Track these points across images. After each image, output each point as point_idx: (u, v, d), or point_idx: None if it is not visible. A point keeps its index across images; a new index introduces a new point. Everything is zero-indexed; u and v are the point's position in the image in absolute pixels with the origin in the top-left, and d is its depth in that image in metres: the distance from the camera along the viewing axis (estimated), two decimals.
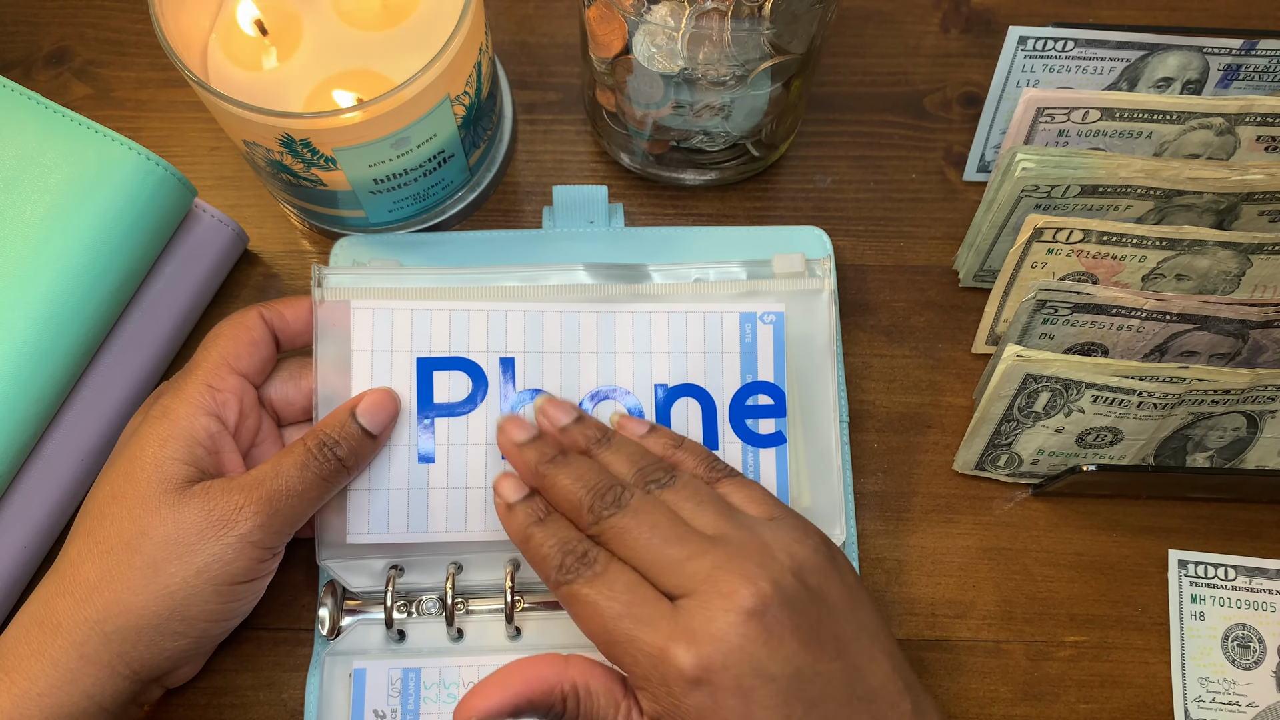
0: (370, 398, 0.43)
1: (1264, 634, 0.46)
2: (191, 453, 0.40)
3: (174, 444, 0.40)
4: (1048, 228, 0.45)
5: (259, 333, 0.43)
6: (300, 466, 0.40)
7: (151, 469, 0.39)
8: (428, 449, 0.44)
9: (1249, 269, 0.46)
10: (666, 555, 0.36)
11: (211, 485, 0.40)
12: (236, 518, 0.39)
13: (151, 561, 0.38)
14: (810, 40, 0.44)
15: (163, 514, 0.39)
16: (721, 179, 0.52)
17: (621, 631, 0.35)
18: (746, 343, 0.46)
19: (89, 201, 0.44)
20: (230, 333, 0.42)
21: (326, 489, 0.41)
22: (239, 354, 0.42)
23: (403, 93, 0.41)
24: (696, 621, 0.34)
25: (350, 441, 0.42)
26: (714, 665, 0.34)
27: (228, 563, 0.39)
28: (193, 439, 0.40)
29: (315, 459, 0.41)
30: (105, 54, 0.55)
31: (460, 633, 0.44)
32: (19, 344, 0.42)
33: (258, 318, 0.43)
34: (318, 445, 0.41)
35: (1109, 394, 0.44)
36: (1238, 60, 0.49)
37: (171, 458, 0.40)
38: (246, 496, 0.39)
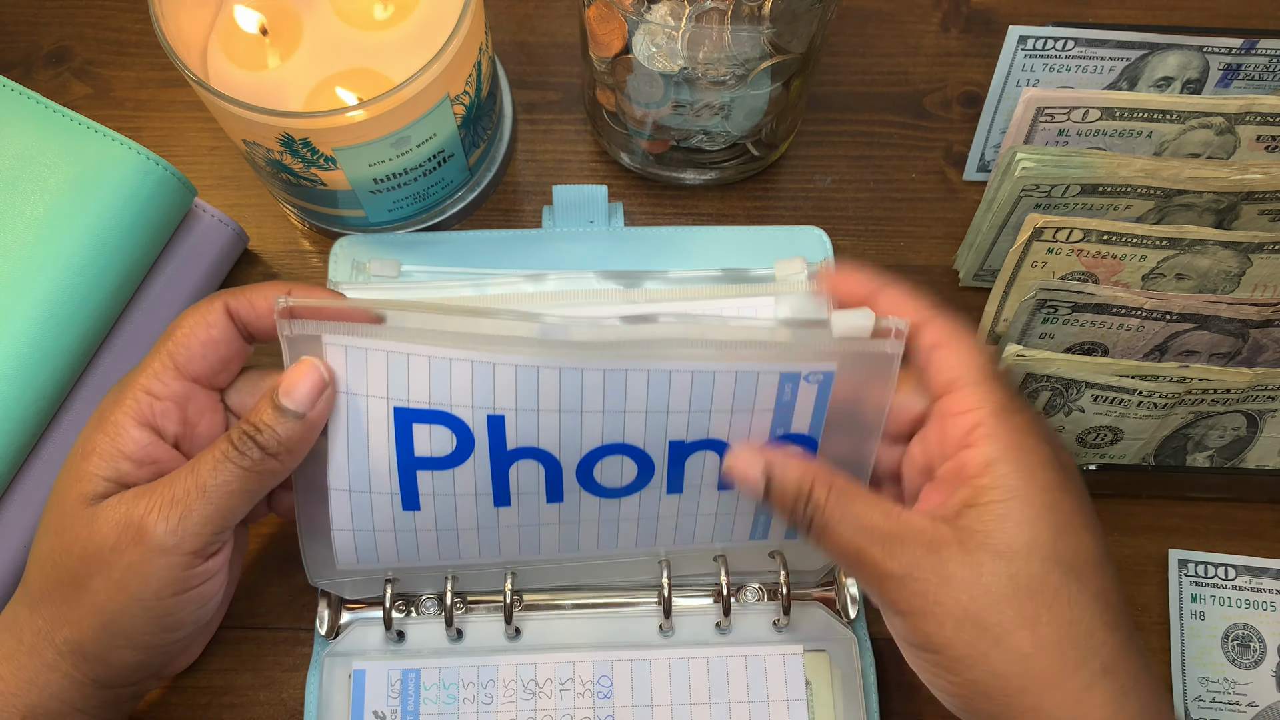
0: (289, 376, 0.37)
1: (1264, 633, 0.46)
2: (115, 468, 0.37)
3: (97, 458, 0.37)
4: (1048, 227, 0.45)
5: (220, 329, 0.38)
6: (216, 461, 0.36)
7: (72, 481, 0.37)
8: (411, 499, 0.40)
9: (1249, 268, 0.46)
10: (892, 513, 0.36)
11: (124, 495, 0.36)
12: (144, 524, 0.35)
13: (76, 578, 0.36)
14: (810, 40, 0.44)
15: (78, 530, 0.36)
16: (721, 178, 0.52)
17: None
18: (784, 401, 0.39)
19: (89, 201, 0.44)
20: (186, 328, 0.38)
21: (255, 481, 0.37)
22: (190, 356, 0.38)
23: (403, 92, 0.41)
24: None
25: (275, 427, 0.37)
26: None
27: (146, 575, 0.36)
28: (118, 453, 0.37)
29: (235, 450, 0.36)
30: (105, 54, 0.55)
31: (459, 633, 0.44)
32: (19, 344, 0.42)
33: (221, 311, 0.38)
34: (238, 435, 0.37)
35: (1109, 393, 0.44)
36: (1238, 59, 0.49)
37: (93, 472, 0.37)
38: (152, 501, 0.36)
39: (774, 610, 0.45)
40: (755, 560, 0.45)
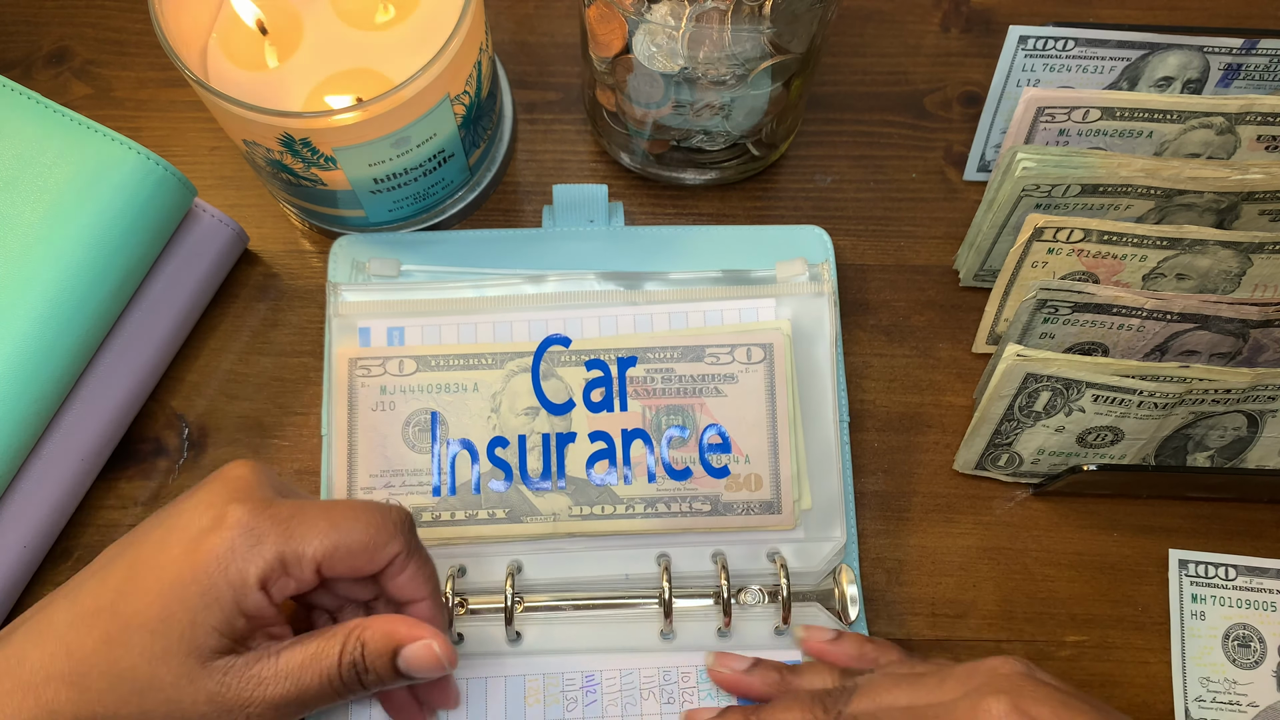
0: (420, 652, 0.37)
1: (1264, 633, 0.46)
2: (232, 625, 0.36)
3: (218, 608, 0.35)
4: (1048, 227, 0.45)
5: (371, 567, 0.38)
6: (322, 682, 0.36)
7: (186, 625, 0.35)
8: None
9: (1249, 268, 0.46)
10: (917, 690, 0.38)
11: (231, 667, 0.36)
12: (241, 714, 0.36)
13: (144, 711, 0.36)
14: (810, 40, 0.44)
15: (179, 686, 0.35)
16: (721, 178, 0.52)
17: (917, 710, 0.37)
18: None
19: (89, 201, 0.44)
20: (355, 544, 0.37)
21: (339, 701, 0.38)
22: (337, 566, 0.37)
23: (403, 92, 0.41)
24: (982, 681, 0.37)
25: (380, 675, 0.37)
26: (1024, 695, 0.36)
27: None
28: (238, 609, 0.36)
29: (341, 681, 0.37)
30: (105, 54, 0.55)
31: (460, 636, 0.44)
32: (19, 344, 0.42)
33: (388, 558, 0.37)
34: (349, 667, 0.37)
35: (1109, 393, 0.44)
36: (1238, 59, 0.49)
37: (209, 624, 0.35)
38: (259, 693, 0.36)
39: (774, 613, 0.45)
40: (754, 562, 0.45)
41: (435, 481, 0.45)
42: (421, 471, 0.45)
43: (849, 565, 0.46)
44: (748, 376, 0.46)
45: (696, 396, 0.46)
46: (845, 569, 0.45)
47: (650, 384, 0.46)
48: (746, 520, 0.45)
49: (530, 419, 0.46)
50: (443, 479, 0.45)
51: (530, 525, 0.45)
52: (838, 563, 0.45)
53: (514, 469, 0.45)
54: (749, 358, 0.46)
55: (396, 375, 0.46)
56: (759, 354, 0.46)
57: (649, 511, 0.45)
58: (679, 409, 0.46)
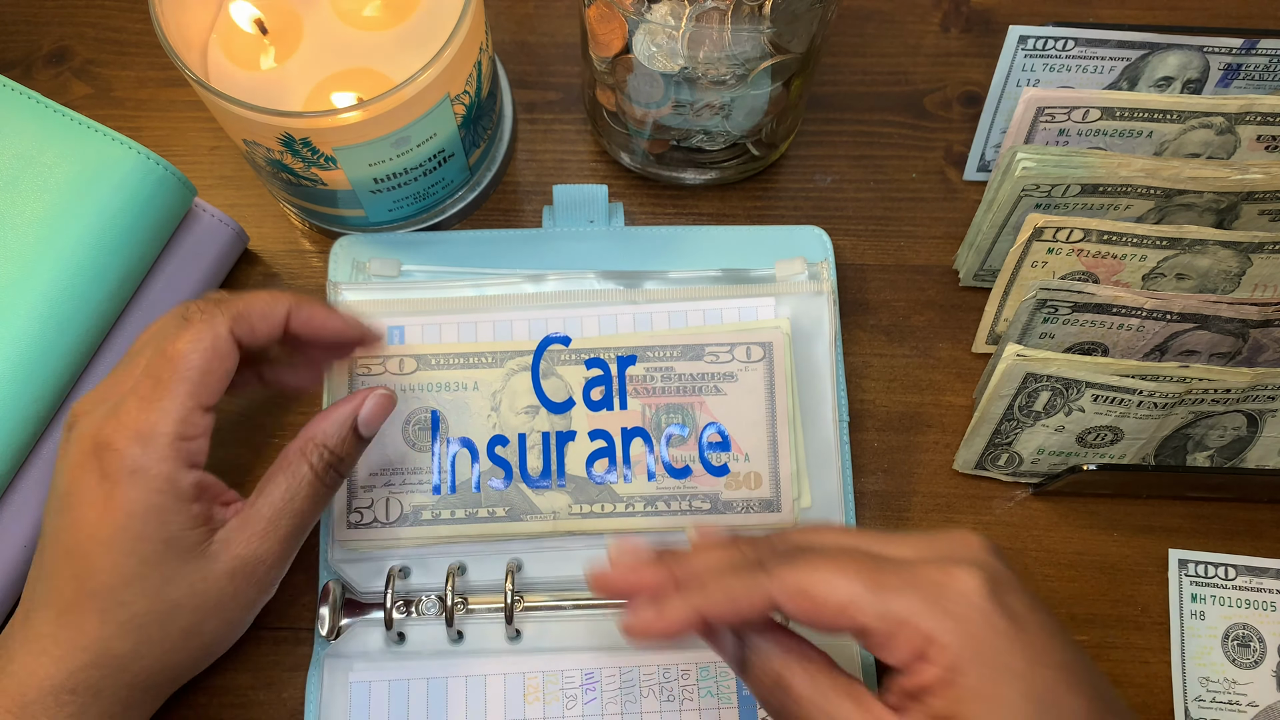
0: (373, 404, 0.41)
1: (1264, 633, 0.46)
2: (191, 515, 0.37)
3: (172, 515, 0.37)
4: (1048, 227, 0.45)
5: (233, 360, 0.38)
6: (312, 497, 0.39)
7: (163, 548, 0.37)
8: None
9: (1249, 268, 0.46)
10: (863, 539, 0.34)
11: (229, 539, 0.38)
12: (259, 568, 0.38)
13: (188, 626, 0.38)
14: (810, 39, 0.44)
15: (190, 581, 0.37)
16: (721, 178, 0.52)
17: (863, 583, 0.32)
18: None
19: (89, 201, 0.44)
20: (202, 363, 0.37)
21: (328, 500, 0.41)
22: (213, 391, 0.38)
23: (403, 92, 0.41)
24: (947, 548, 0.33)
25: (352, 454, 0.41)
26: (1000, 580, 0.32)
27: (255, 605, 0.40)
28: (185, 500, 0.37)
29: (323, 483, 0.40)
30: (105, 53, 0.55)
31: (460, 634, 0.44)
32: (19, 343, 0.42)
33: (230, 339, 0.38)
34: (324, 468, 0.39)
35: (1109, 393, 0.44)
36: (1238, 59, 0.49)
37: (179, 529, 0.37)
38: (267, 544, 0.38)
39: None
40: None
41: (435, 480, 0.45)
42: (422, 470, 0.45)
43: None
44: (747, 375, 0.46)
45: (696, 395, 0.46)
46: None
47: (650, 383, 0.46)
48: (746, 519, 0.45)
49: (530, 418, 0.46)
50: (443, 478, 0.45)
51: (530, 524, 0.45)
52: None
53: (514, 467, 0.45)
54: (748, 356, 0.46)
55: (397, 374, 0.46)
56: (758, 353, 0.46)
57: (649, 510, 0.45)
58: (679, 407, 0.46)
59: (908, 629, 0.31)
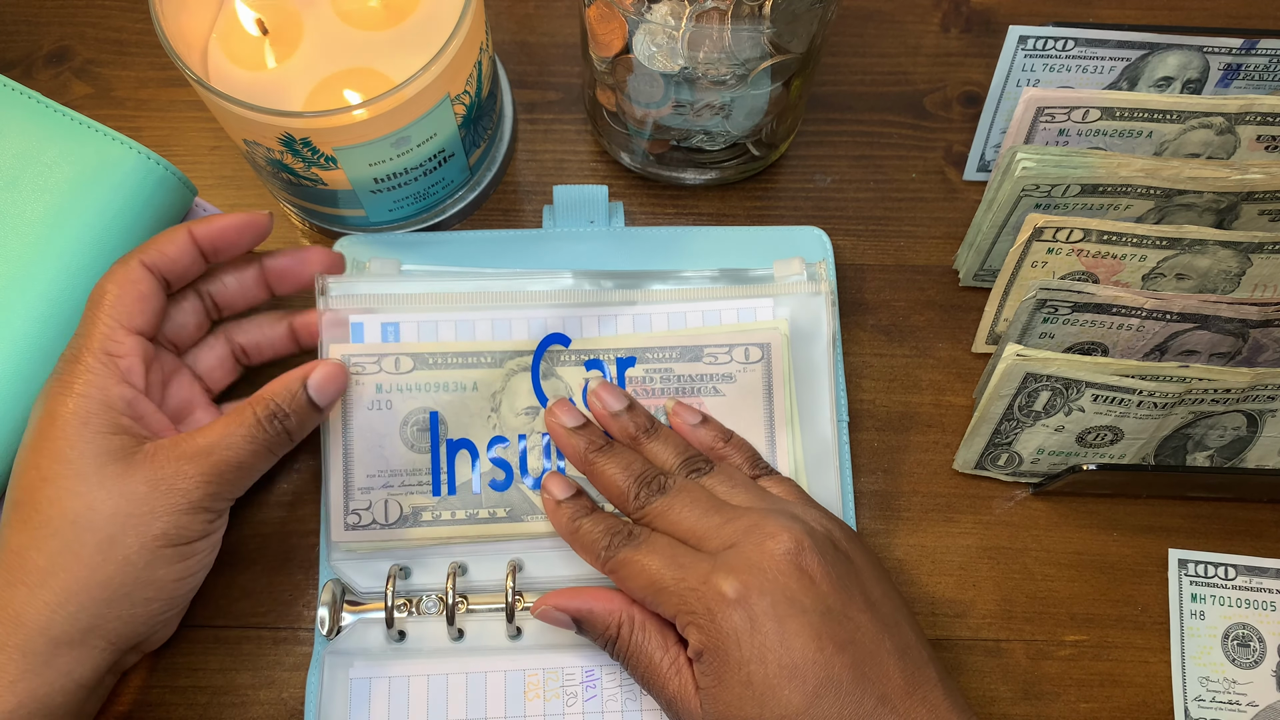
0: (323, 370, 0.42)
1: (1264, 633, 0.46)
2: (116, 423, 0.39)
3: (96, 419, 0.39)
4: (1048, 227, 0.45)
5: (146, 284, 0.41)
6: (249, 438, 0.40)
7: (83, 445, 0.38)
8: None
9: (1249, 268, 0.46)
10: (705, 522, 0.40)
11: (156, 452, 0.39)
12: (186, 485, 0.39)
13: (106, 536, 0.38)
14: (810, 40, 0.44)
15: (108, 487, 0.38)
16: (721, 178, 0.52)
17: (668, 576, 0.38)
18: None
19: (89, 200, 0.44)
20: (116, 291, 0.40)
21: (271, 458, 0.42)
22: (130, 312, 0.40)
23: (403, 92, 0.41)
24: (736, 560, 0.38)
25: (299, 414, 0.42)
26: (752, 589, 0.37)
27: (182, 527, 0.39)
28: (111, 409, 0.39)
29: (264, 430, 0.41)
30: (105, 53, 0.55)
31: (461, 632, 0.44)
32: (19, 343, 0.42)
33: (140, 268, 0.41)
34: (268, 416, 0.41)
35: (1109, 393, 0.44)
36: (1238, 59, 0.49)
37: (99, 432, 0.39)
38: (195, 465, 0.39)
39: None
40: None
41: (435, 481, 0.45)
42: (421, 471, 0.45)
43: None
44: (745, 376, 0.46)
45: (695, 396, 0.46)
46: None
47: (649, 384, 0.46)
48: None
49: (530, 419, 0.46)
50: (442, 479, 0.45)
51: (531, 524, 0.45)
52: None
53: (514, 468, 0.45)
54: (746, 357, 0.46)
55: (393, 373, 0.45)
56: (756, 354, 0.46)
57: None
58: None
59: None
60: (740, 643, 0.37)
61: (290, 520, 0.47)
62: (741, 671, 0.36)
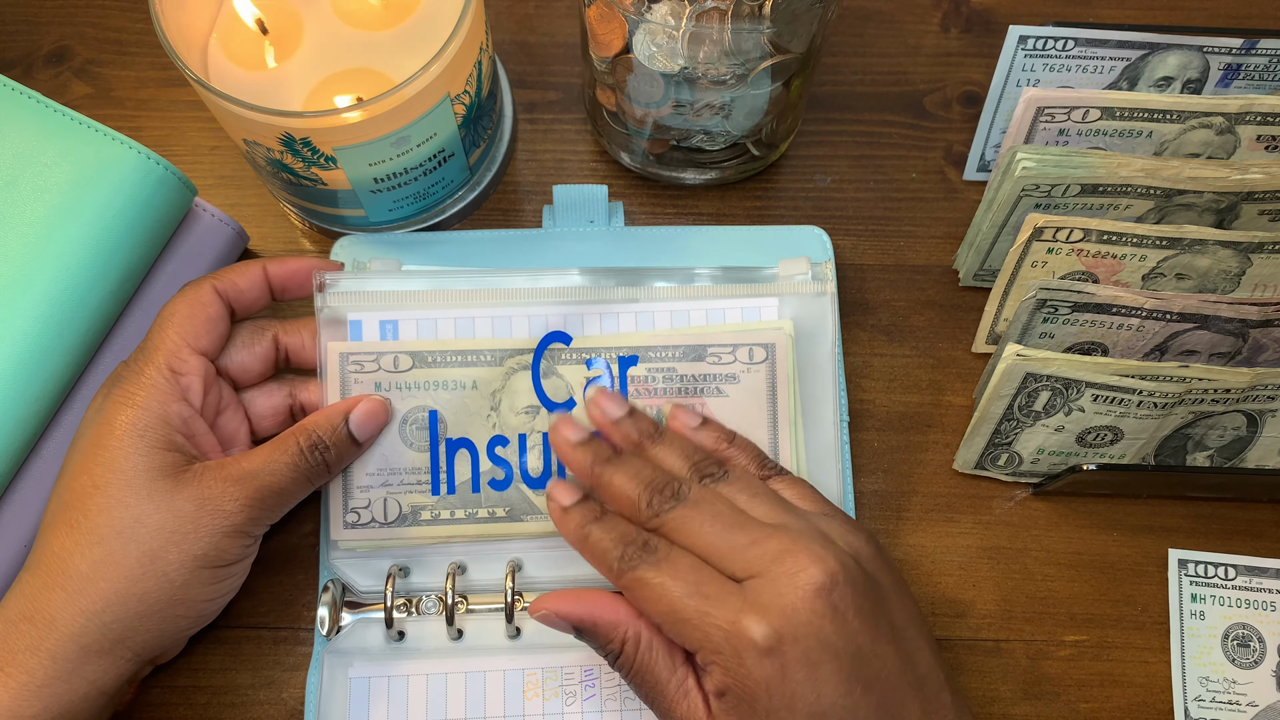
0: (365, 407, 0.43)
1: (1264, 633, 0.46)
2: (171, 439, 0.40)
3: (152, 433, 0.40)
4: (1048, 227, 0.45)
5: (215, 309, 0.42)
6: (293, 467, 0.41)
7: (137, 458, 0.39)
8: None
9: (1249, 268, 0.46)
10: (730, 541, 0.37)
11: (204, 473, 0.40)
12: (230, 508, 0.40)
13: (149, 550, 0.39)
14: (810, 39, 0.44)
15: (156, 501, 0.39)
16: (721, 178, 0.52)
17: (691, 609, 0.36)
18: None
19: (89, 200, 0.44)
20: (187, 310, 0.42)
21: (309, 488, 0.42)
22: (197, 333, 0.42)
23: (403, 92, 0.41)
24: (766, 597, 0.35)
25: (339, 447, 0.42)
26: (785, 636, 0.35)
27: (222, 550, 0.40)
28: (168, 425, 0.40)
29: (306, 460, 0.41)
30: (105, 53, 0.55)
31: (460, 632, 0.44)
32: (19, 343, 0.42)
33: (212, 292, 0.42)
34: (310, 447, 0.42)
35: (1109, 393, 0.44)
36: (1238, 59, 0.49)
37: (153, 446, 0.39)
38: (240, 490, 0.40)
39: None
40: None
41: (434, 480, 0.45)
42: (420, 470, 0.45)
43: None
44: (749, 376, 0.46)
45: (697, 396, 0.46)
46: None
47: (651, 383, 0.46)
48: None
49: (531, 418, 0.46)
50: (441, 478, 0.45)
51: (531, 524, 0.45)
52: None
53: (514, 468, 0.45)
54: (750, 358, 0.46)
55: (392, 372, 0.45)
56: (761, 354, 0.46)
57: None
58: None
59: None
60: (770, 692, 0.35)
61: (290, 521, 0.47)
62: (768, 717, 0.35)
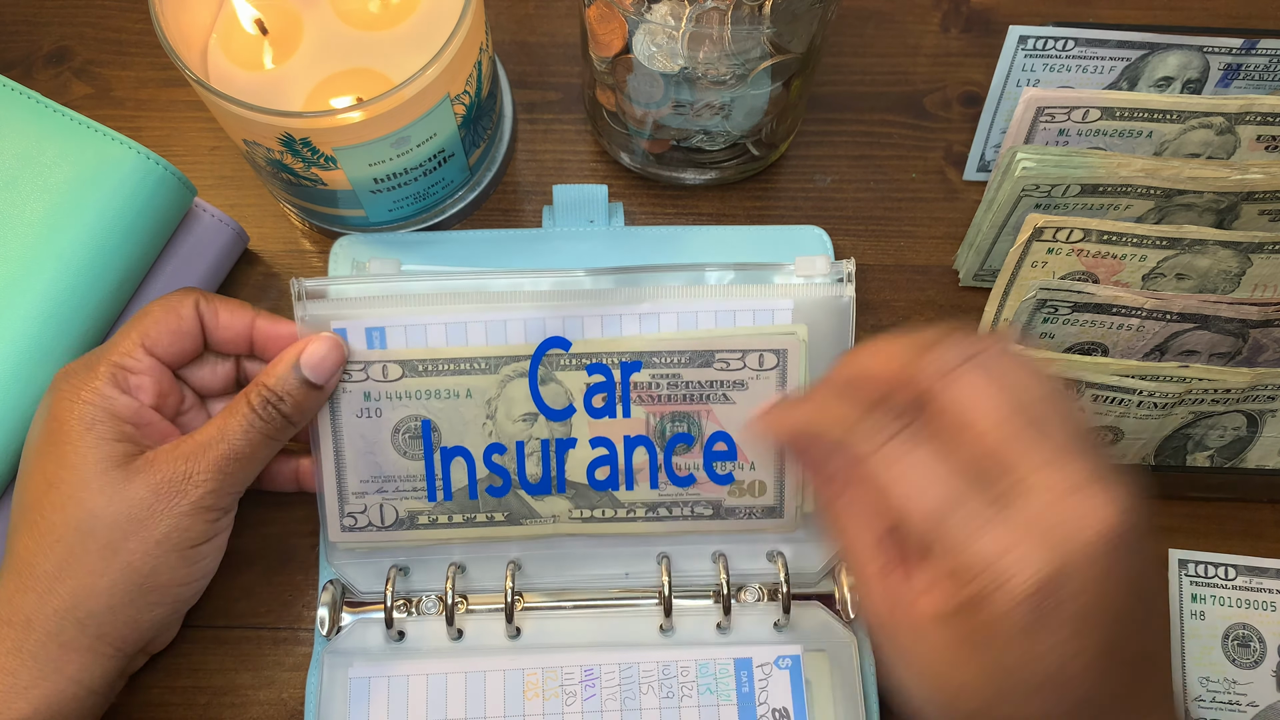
0: (314, 347, 0.41)
1: (1264, 633, 0.46)
2: (120, 429, 0.39)
3: (100, 425, 0.39)
4: (1048, 227, 0.45)
5: (188, 323, 0.41)
6: (245, 429, 0.40)
7: (85, 450, 0.38)
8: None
9: (1249, 268, 0.46)
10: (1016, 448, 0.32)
11: (155, 456, 0.39)
12: (186, 486, 0.39)
13: (108, 542, 0.38)
14: (810, 39, 0.44)
15: (109, 493, 0.38)
16: (721, 178, 0.52)
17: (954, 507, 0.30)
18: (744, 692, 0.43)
19: (89, 200, 0.44)
20: (158, 315, 0.41)
21: (273, 446, 0.41)
22: (159, 339, 0.41)
23: (403, 92, 0.41)
24: (1042, 528, 0.30)
25: (295, 395, 0.41)
26: (1052, 585, 0.30)
27: (185, 530, 0.39)
28: (116, 416, 0.39)
29: (260, 418, 0.40)
30: (105, 53, 0.55)
31: (460, 632, 0.44)
32: (20, 343, 0.42)
33: (192, 306, 0.41)
34: (261, 403, 0.40)
35: (1109, 393, 0.44)
36: (1238, 59, 0.49)
37: (102, 439, 0.39)
38: (194, 464, 0.39)
39: (774, 610, 0.45)
40: (754, 560, 0.45)
41: (430, 488, 0.45)
42: (415, 478, 0.44)
43: None
44: (758, 383, 0.44)
45: (703, 404, 0.44)
46: (845, 567, 0.45)
47: (655, 390, 0.44)
48: (748, 524, 0.45)
49: (528, 425, 0.44)
50: (438, 484, 0.44)
51: (530, 527, 0.45)
52: (838, 561, 0.45)
53: (512, 475, 0.45)
54: (760, 364, 0.44)
55: (380, 381, 0.43)
56: (771, 360, 0.44)
57: (650, 515, 0.45)
58: (685, 416, 0.44)
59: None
60: (1009, 643, 0.30)
61: (290, 520, 0.47)
62: (1000, 661, 0.30)
